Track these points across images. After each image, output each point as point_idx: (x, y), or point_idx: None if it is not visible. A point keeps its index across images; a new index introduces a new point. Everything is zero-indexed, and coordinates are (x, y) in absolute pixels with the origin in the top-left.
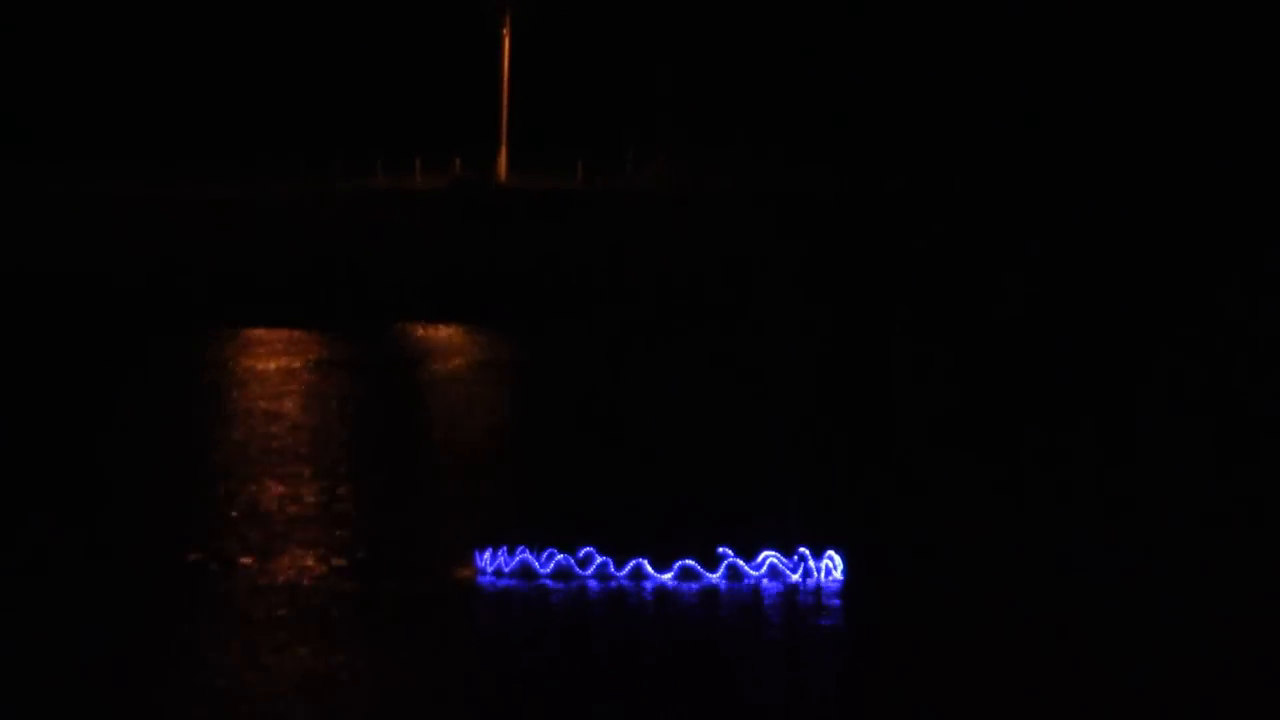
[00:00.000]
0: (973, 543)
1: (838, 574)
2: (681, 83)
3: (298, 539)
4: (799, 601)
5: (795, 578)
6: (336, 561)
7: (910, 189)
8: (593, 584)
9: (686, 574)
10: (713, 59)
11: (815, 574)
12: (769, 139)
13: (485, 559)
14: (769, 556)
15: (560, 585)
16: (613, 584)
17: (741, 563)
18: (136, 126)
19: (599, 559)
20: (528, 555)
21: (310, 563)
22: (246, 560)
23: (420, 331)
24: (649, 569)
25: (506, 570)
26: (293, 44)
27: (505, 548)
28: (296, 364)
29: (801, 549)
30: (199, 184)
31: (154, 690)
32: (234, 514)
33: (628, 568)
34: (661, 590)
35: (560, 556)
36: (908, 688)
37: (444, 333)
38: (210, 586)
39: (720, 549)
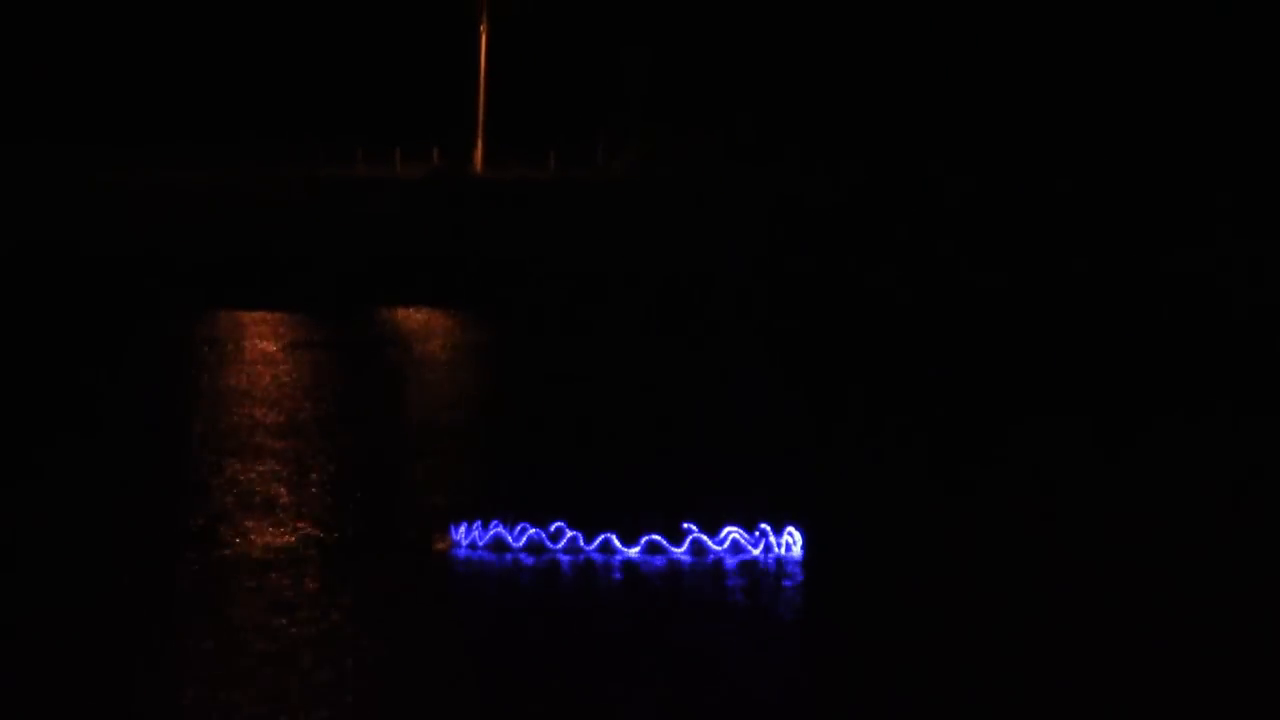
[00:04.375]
0: (930, 520)
1: (797, 549)
2: (652, 74)
3: (277, 512)
4: (759, 575)
5: (756, 552)
6: (316, 534)
7: (876, 174)
8: (563, 557)
9: (653, 548)
10: (682, 50)
11: (775, 549)
12: (739, 128)
13: (461, 532)
14: (731, 532)
15: (532, 558)
16: (582, 557)
17: (705, 538)
18: (125, 112)
19: (569, 533)
20: (501, 529)
21: (290, 535)
22: (226, 533)
23: (398, 314)
24: (617, 543)
25: (481, 543)
26: (278, 36)
27: (480, 522)
28: (277, 345)
29: (763, 525)
30: (182, 169)
31: (133, 657)
32: (214, 488)
33: (597, 541)
34: (628, 563)
35: (533, 531)
36: (860, 655)
37: (421, 316)
38: (189, 559)
39: (685, 524)
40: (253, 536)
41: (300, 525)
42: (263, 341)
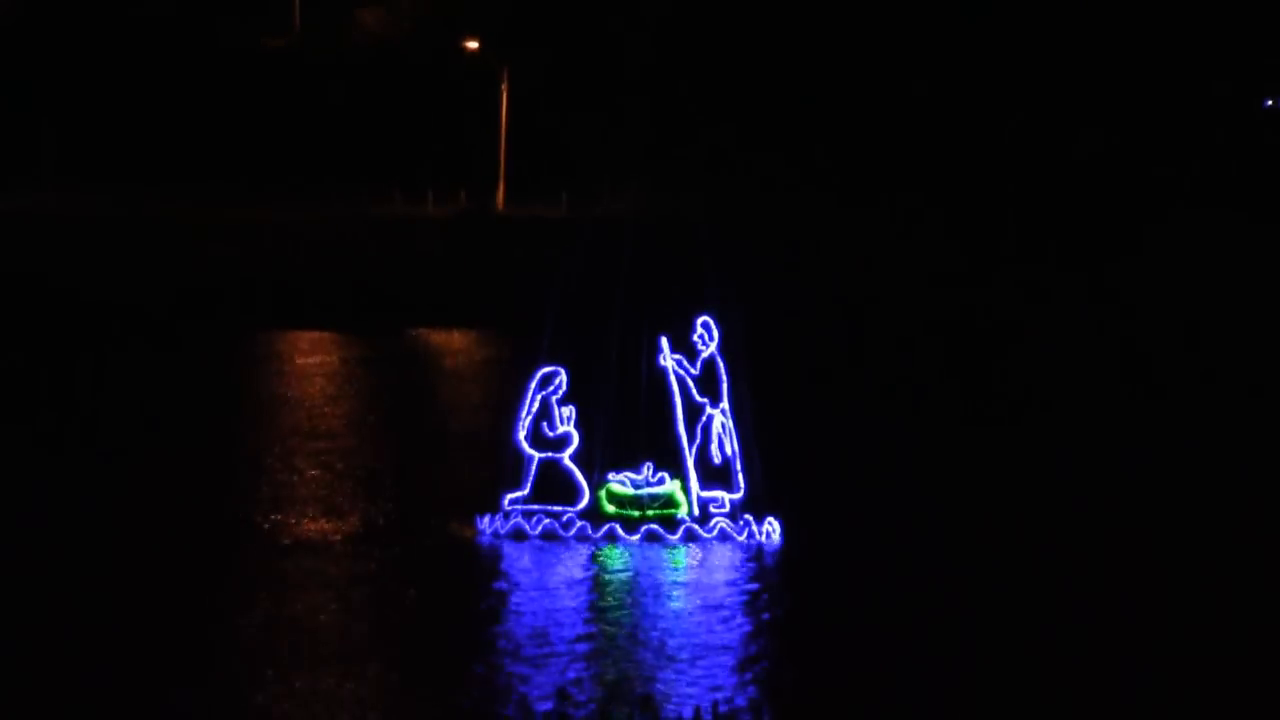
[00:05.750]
0: (899, 513)
1: (776, 537)
2: (651, 121)
3: (324, 503)
4: (742, 560)
5: (741, 539)
6: (358, 523)
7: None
8: (574, 544)
9: (651, 536)
10: (680, 99)
11: (757, 537)
12: (732, 168)
13: (484, 522)
14: (719, 522)
15: (547, 545)
16: (590, 544)
17: (697, 527)
18: (197, 160)
19: (579, 523)
20: (520, 520)
21: (334, 523)
22: (278, 520)
23: (431, 334)
24: (621, 531)
25: (502, 532)
26: (331, 96)
27: (501, 513)
28: (326, 360)
29: (746, 516)
30: (245, 208)
31: (193, 626)
32: (270, 480)
33: (603, 530)
34: (631, 548)
35: (547, 521)
36: (823, 625)
37: (451, 336)
38: (245, 542)
39: (678, 516)
40: (299, 523)
41: (342, 514)
42: (312, 357)
